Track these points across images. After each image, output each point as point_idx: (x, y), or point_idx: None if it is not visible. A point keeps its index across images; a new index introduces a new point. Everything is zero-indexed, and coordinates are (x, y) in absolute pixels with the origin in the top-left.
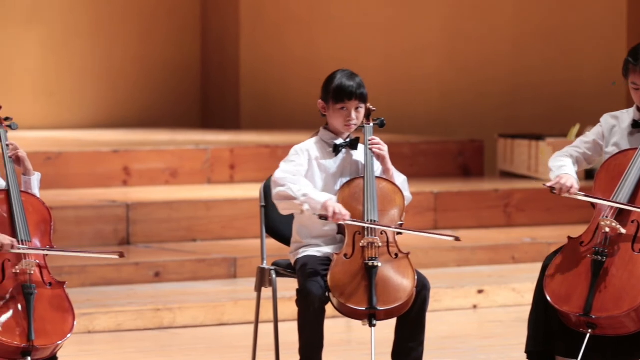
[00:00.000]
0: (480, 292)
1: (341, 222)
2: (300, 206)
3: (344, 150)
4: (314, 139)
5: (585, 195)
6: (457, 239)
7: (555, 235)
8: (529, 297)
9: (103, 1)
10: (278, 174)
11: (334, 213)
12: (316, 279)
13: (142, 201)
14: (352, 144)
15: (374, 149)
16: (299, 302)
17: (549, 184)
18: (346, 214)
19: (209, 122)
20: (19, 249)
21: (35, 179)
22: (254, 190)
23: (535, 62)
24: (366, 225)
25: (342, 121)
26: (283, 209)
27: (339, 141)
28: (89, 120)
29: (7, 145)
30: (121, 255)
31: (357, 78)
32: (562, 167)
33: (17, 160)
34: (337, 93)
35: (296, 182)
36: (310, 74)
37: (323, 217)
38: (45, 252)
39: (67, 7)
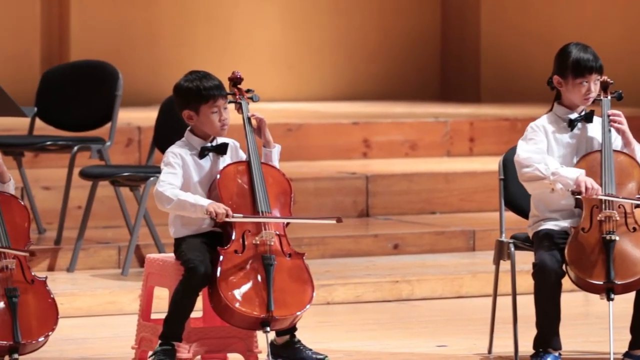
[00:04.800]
0: None
1: (594, 197)
2: (550, 185)
3: (579, 124)
4: (547, 115)
5: None
6: None
7: None
8: None
9: None
10: (522, 154)
11: (587, 188)
12: (553, 252)
13: (381, 173)
14: (587, 118)
15: (614, 124)
16: (535, 275)
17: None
18: (598, 188)
19: (449, 94)
20: (233, 217)
21: (276, 151)
22: (493, 164)
23: None
24: (605, 198)
25: (580, 95)
26: (533, 189)
27: (574, 115)
28: (328, 92)
29: (249, 118)
30: (339, 220)
31: (590, 50)
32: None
33: (258, 131)
34: (577, 67)
35: (541, 161)
36: (552, 45)
37: (576, 194)
38: (255, 220)
39: None
